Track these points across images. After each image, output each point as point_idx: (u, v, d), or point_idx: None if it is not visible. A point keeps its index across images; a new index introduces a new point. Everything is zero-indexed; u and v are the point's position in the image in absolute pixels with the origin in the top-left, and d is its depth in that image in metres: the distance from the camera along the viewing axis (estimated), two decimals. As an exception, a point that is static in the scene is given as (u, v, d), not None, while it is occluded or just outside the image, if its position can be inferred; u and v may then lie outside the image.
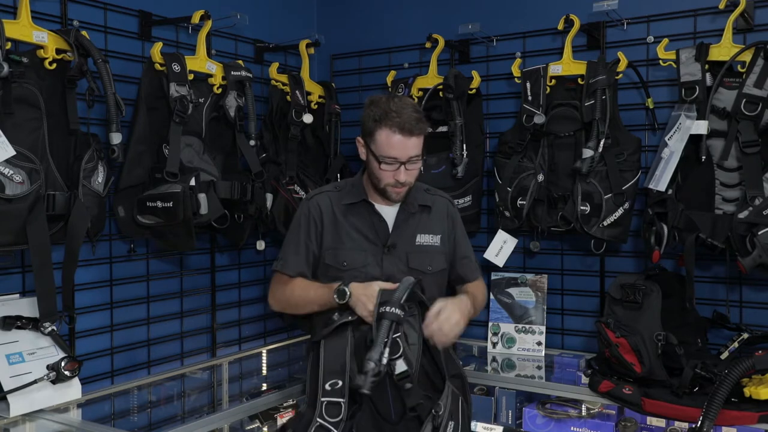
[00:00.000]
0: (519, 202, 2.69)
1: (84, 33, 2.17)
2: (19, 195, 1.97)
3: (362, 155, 2.17)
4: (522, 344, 2.89)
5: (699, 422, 1.93)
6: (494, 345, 2.93)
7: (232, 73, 2.60)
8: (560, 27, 2.75)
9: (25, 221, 1.98)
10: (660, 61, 2.53)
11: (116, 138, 2.19)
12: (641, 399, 2.23)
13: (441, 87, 2.86)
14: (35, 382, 2.06)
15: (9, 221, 1.96)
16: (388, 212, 2.20)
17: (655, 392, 2.22)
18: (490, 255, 2.84)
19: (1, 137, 1.91)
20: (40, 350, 2.14)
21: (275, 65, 2.97)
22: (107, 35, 2.48)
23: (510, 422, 2.77)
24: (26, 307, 2.18)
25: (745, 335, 2.38)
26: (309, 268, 2.21)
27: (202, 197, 2.36)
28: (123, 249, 2.55)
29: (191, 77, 2.45)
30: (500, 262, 2.85)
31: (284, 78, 2.93)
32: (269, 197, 2.76)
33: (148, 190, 2.35)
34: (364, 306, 1.97)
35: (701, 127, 2.35)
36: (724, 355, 2.36)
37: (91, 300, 2.45)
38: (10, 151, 1.93)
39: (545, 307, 2.90)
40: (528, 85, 2.72)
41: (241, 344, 3.06)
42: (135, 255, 2.59)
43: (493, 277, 2.98)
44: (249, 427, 2.71)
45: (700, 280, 2.59)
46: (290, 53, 3.23)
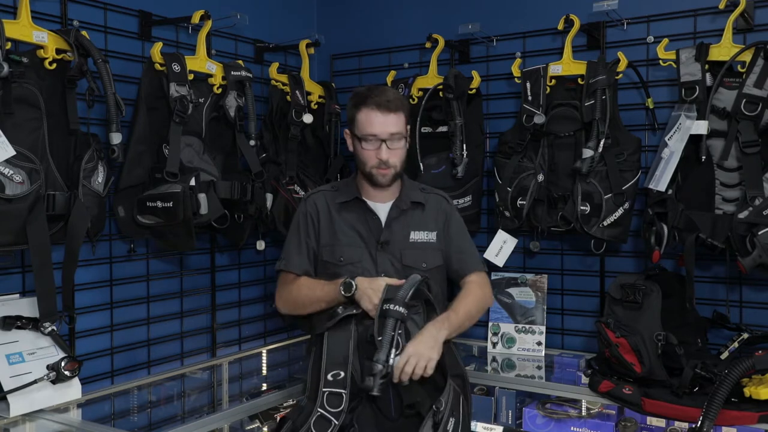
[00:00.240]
0: (519, 202, 2.69)
1: (84, 33, 2.17)
2: (19, 195, 1.96)
3: (350, 146, 2.24)
4: (522, 344, 2.89)
5: (699, 422, 1.93)
6: (494, 345, 2.93)
7: (232, 73, 2.60)
8: (560, 27, 2.75)
9: (25, 221, 1.98)
10: (660, 61, 2.53)
11: (116, 138, 2.19)
12: (641, 399, 2.23)
13: (441, 87, 2.86)
14: (35, 382, 2.06)
15: (9, 221, 1.96)
16: (381, 209, 2.23)
17: (655, 392, 2.21)
18: (490, 255, 2.84)
19: (1, 137, 1.91)
20: (40, 350, 2.14)
21: (275, 65, 2.97)
22: (107, 35, 2.48)
23: (510, 422, 2.77)
24: (26, 307, 2.17)
25: (745, 335, 2.38)
26: (312, 266, 2.24)
27: (202, 197, 2.36)
28: (123, 249, 2.54)
29: (191, 77, 2.45)
30: (500, 262, 2.85)
31: (284, 78, 2.93)
32: (269, 197, 2.76)
33: (148, 190, 2.35)
34: (370, 299, 1.99)
35: (701, 127, 2.35)
36: (724, 355, 2.36)
37: (91, 300, 2.45)
38: (10, 151, 1.93)
39: (545, 307, 2.90)
40: (528, 85, 2.72)
41: (241, 344, 3.05)
42: (135, 255, 2.58)
43: (493, 277, 2.98)
44: (249, 427, 2.71)
45: (700, 280, 2.59)
46: (290, 53, 3.23)
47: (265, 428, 2.71)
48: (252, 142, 2.67)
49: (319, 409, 1.90)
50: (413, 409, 1.95)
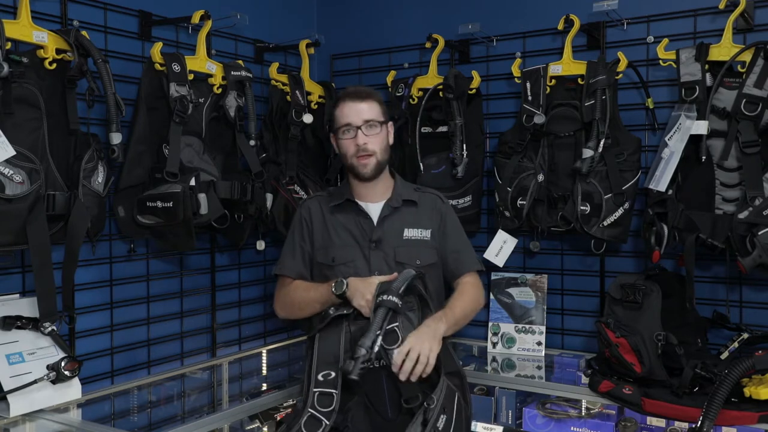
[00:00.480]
0: (519, 202, 2.69)
1: (84, 33, 2.17)
2: (19, 195, 1.96)
3: (335, 148, 2.28)
4: (522, 344, 2.89)
5: (699, 422, 1.93)
6: (494, 345, 2.93)
7: (232, 73, 2.60)
8: (560, 27, 2.75)
9: (25, 221, 1.98)
10: (660, 61, 2.53)
11: (116, 138, 2.19)
12: (641, 399, 2.23)
13: (441, 87, 2.86)
14: (35, 382, 2.06)
15: (9, 221, 1.96)
16: (373, 209, 2.25)
17: (655, 392, 2.21)
18: (490, 255, 2.84)
19: (1, 137, 1.91)
20: (40, 350, 2.14)
21: (275, 65, 2.97)
22: (107, 35, 2.48)
23: (510, 422, 2.76)
24: (26, 307, 2.17)
25: (745, 335, 2.38)
26: (307, 269, 2.28)
27: (202, 197, 2.36)
28: (123, 249, 2.54)
29: (191, 77, 2.45)
30: (500, 262, 2.85)
31: (284, 78, 2.93)
32: (269, 197, 2.76)
33: (148, 190, 2.35)
34: (362, 295, 2.00)
35: (701, 127, 2.35)
36: (724, 355, 2.36)
37: (91, 300, 2.45)
38: (10, 151, 1.93)
39: (545, 307, 2.90)
40: (528, 85, 2.72)
41: (241, 344, 3.05)
42: (135, 255, 2.58)
43: (493, 277, 2.98)
44: (249, 427, 2.71)
45: (700, 280, 2.59)
46: (290, 53, 3.23)
47: (265, 428, 2.71)
48: (252, 142, 2.67)
49: (310, 410, 1.89)
50: (410, 404, 1.93)
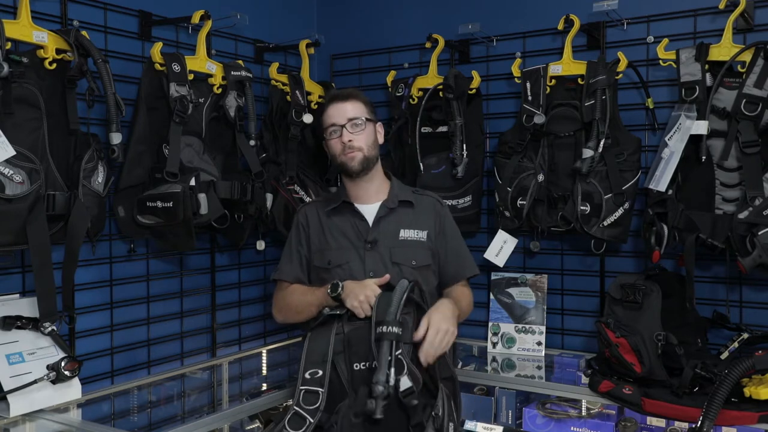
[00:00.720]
0: (519, 202, 2.69)
1: (84, 33, 2.17)
2: (19, 195, 1.96)
3: (328, 152, 2.30)
4: (522, 344, 2.89)
5: (699, 422, 1.93)
6: (494, 345, 2.93)
7: (232, 73, 2.60)
8: (560, 27, 2.75)
9: (25, 221, 1.98)
10: (660, 61, 2.53)
11: (116, 138, 2.19)
12: (641, 399, 2.23)
13: (441, 87, 2.86)
14: (35, 382, 2.06)
15: (9, 221, 1.96)
16: (368, 210, 2.26)
17: (655, 392, 2.21)
18: (490, 255, 2.84)
19: (1, 137, 1.91)
20: (40, 350, 2.14)
21: (275, 65, 2.97)
22: (107, 35, 2.48)
23: (510, 422, 2.76)
24: (26, 307, 2.17)
25: (745, 335, 2.38)
26: (304, 273, 2.30)
27: (202, 197, 2.37)
28: (123, 249, 2.54)
29: (191, 77, 2.45)
30: (500, 262, 2.85)
31: (284, 78, 2.93)
32: (269, 197, 2.76)
33: (148, 190, 2.35)
34: (355, 296, 2.00)
35: (701, 127, 2.35)
36: (724, 355, 2.36)
37: (91, 300, 2.45)
38: (10, 151, 1.93)
39: (545, 307, 2.90)
40: (528, 85, 2.72)
41: (241, 344, 3.05)
42: (135, 255, 2.58)
43: (493, 277, 2.98)
44: (249, 427, 2.71)
45: (700, 280, 2.59)
46: (290, 53, 3.23)
47: (265, 428, 2.71)
48: (252, 142, 2.67)
49: (295, 407, 1.90)
50: (420, 430, 1.92)
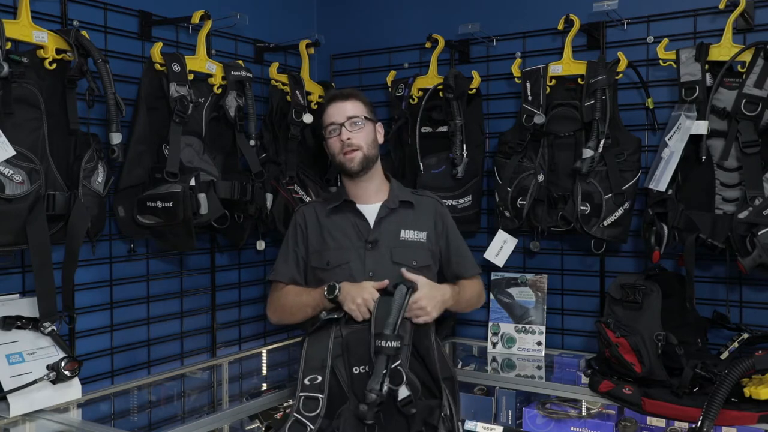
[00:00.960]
0: (519, 202, 2.69)
1: (84, 33, 2.17)
2: (19, 195, 1.96)
3: (328, 153, 2.30)
4: (522, 344, 2.89)
5: (699, 422, 1.93)
6: (494, 345, 2.93)
7: (232, 73, 2.60)
8: (560, 27, 2.75)
9: (25, 221, 1.98)
10: (660, 61, 2.53)
11: (116, 138, 2.19)
12: (641, 399, 2.23)
13: (441, 87, 2.86)
14: (35, 382, 2.06)
15: (9, 221, 1.95)
16: (369, 210, 2.26)
17: (655, 392, 2.22)
18: (490, 255, 2.84)
19: (1, 137, 1.91)
20: (40, 350, 2.14)
21: (275, 65, 2.97)
22: (107, 35, 2.48)
23: (510, 422, 2.76)
24: (26, 307, 2.17)
25: (745, 335, 2.38)
26: (300, 274, 2.29)
27: (202, 197, 2.36)
28: (123, 249, 2.54)
29: (191, 77, 2.45)
30: (500, 262, 2.85)
31: (284, 78, 2.93)
32: (269, 197, 2.76)
33: (148, 190, 2.35)
34: (352, 299, 2.00)
35: (701, 127, 2.35)
36: (724, 355, 2.36)
37: (91, 300, 2.45)
38: (10, 151, 1.93)
39: (545, 307, 2.90)
40: (528, 85, 2.72)
41: (241, 344, 3.05)
42: (135, 255, 2.58)
43: (493, 277, 2.98)
44: (249, 427, 2.71)
45: (700, 280, 2.59)
46: (290, 53, 3.23)
47: (265, 428, 2.71)
48: (252, 142, 2.67)
49: (295, 414, 1.89)
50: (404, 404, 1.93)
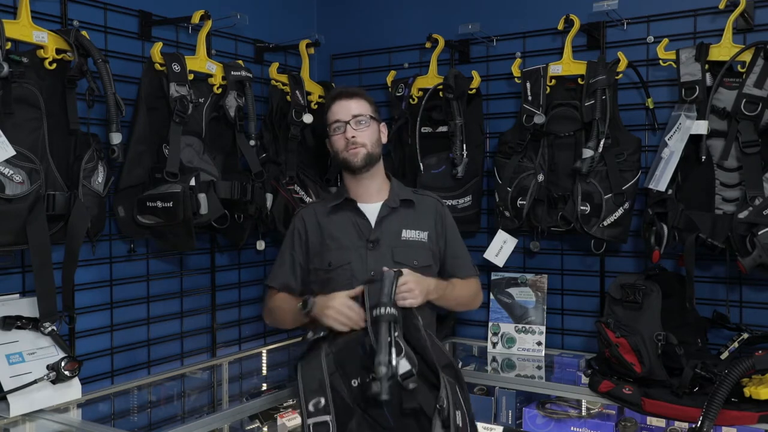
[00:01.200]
0: (519, 202, 2.69)
1: (84, 33, 2.17)
2: (19, 195, 1.96)
3: (331, 151, 2.28)
4: (522, 344, 2.89)
5: (699, 422, 1.93)
6: (494, 345, 2.93)
7: (232, 73, 2.60)
8: (560, 27, 2.75)
9: (25, 221, 1.98)
10: (660, 61, 2.53)
11: (116, 138, 2.19)
12: (641, 399, 2.23)
13: (441, 87, 2.86)
14: (35, 382, 2.06)
15: (9, 221, 1.96)
16: (370, 209, 2.24)
17: (655, 392, 2.22)
18: (490, 255, 2.84)
19: (1, 137, 1.91)
20: (40, 350, 2.14)
21: (275, 65, 2.97)
22: (107, 35, 2.48)
23: (510, 422, 2.76)
24: (26, 307, 2.17)
25: (745, 335, 2.38)
26: (295, 279, 2.28)
27: (202, 197, 2.36)
28: (123, 249, 2.54)
29: (191, 77, 2.45)
30: (500, 262, 2.85)
31: (284, 78, 2.93)
32: (269, 197, 2.76)
33: (148, 190, 2.35)
34: (327, 314, 2.00)
35: (701, 127, 2.35)
36: (724, 355, 2.36)
37: (91, 300, 2.45)
38: (10, 151, 1.93)
39: (545, 307, 2.90)
40: (528, 85, 2.72)
41: (241, 344, 3.05)
42: (135, 255, 2.58)
43: (493, 277, 2.98)
44: (249, 427, 2.71)
45: (700, 280, 2.59)
46: (290, 53, 3.23)
47: (265, 428, 2.71)
48: (252, 142, 2.67)
49: None
50: (411, 408, 1.92)
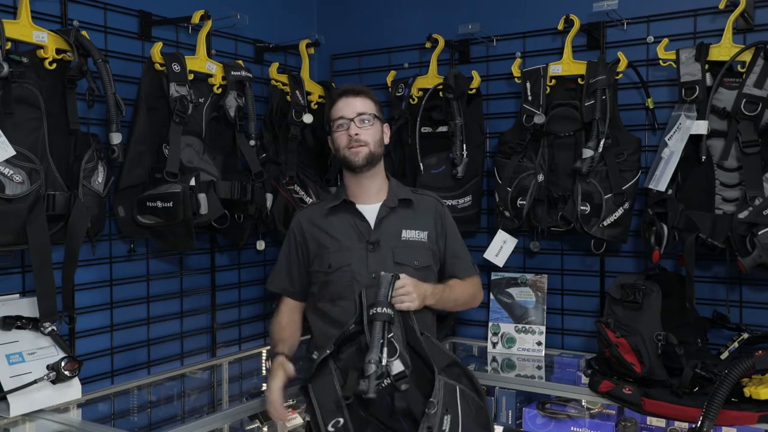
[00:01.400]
0: (519, 202, 2.69)
1: (84, 33, 2.17)
2: (19, 195, 1.97)
3: (332, 149, 2.26)
4: (522, 344, 2.89)
5: (699, 422, 1.93)
6: (494, 345, 2.93)
7: (232, 73, 2.60)
8: (560, 27, 2.75)
9: (25, 221, 1.98)
10: (660, 61, 2.53)
11: (116, 138, 2.19)
12: (641, 399, 2.23)
13: (441, 87, 2.86)
14: (35, 382, 2.06)
15: (9, 221, 1.96)
16: (369, 210, 2.22)
17: (655, 392, 2.22)
18: (490, 255, 2.84)
19: (1, 137, 1.91)
20: (40, 350, 2.14)
21: (275, 65, 2.97)
22: (107, 35, 2.48)
23: (510, 422, 2.76)
24: (26, 307, 2.17)
25: (745, 335, 2.38)
26: (292, 284, 2.29)
27: (202, 197, 2.36)
28: (123, 249, 2.54)
29: (191, 77, 2.45)
30: (500, 262, 2.85)
31: (284, 78, 2.93)
32: (269, 197, 2.76)
33: (148, 190, 2.35)
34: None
35: (701, 127, 2.35)
36: (724, 355, 2.36)
37: (91, 300, 2.45)
38: (10, 151, 1.93)
39: (545, 307, 2.90)
40: (528, 85, 2.72)
41: (241, 344, 3.06)
42: (135, 255, 2.58)
43: (493, 277, 2.98)
44: (249, 427, 2.71)
45: (700, 280, 2.59)
46: (290, 53, 3.23)
47: (265, 428, 2.71)
48: (252, 142, 2.67)
49: None
50: (402, 407, 1.91)
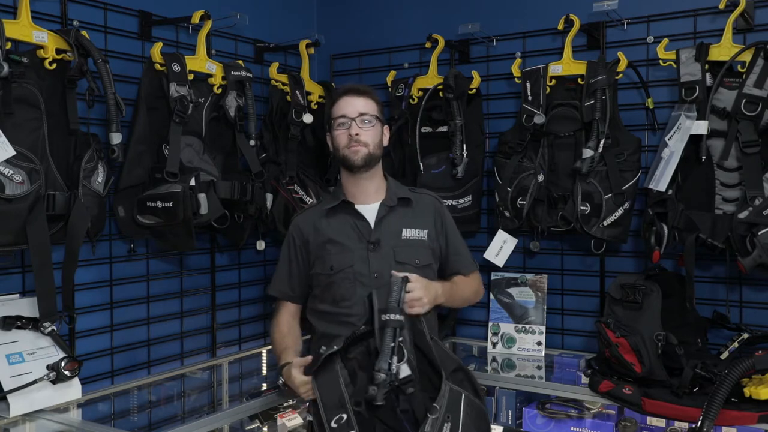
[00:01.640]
0: (519, 202, 2.69)
1: (84, 33, 2.17)
2: (19, 195, 1.96)
3: (330, 147, 2.25)
4: (522, 344, 2.89)
5: (699, 422, 1.93)
6: (494, 345, 2.93)
7: (232, 73, 2.60)
8: (560, 27, 2.75)
9: (25, 221, 1.98)
10: (660, 61, 2.53)
11: (116, 138, 2.19)
12: (641, 399, 2.23)
13: (441, 87, 2.86)
14: (35, 382, 2.06)
15: (9, 221, 1.96)
16: (369, 210, 2.22)
17: (655, 392, 2.22)
18: (490, 255, 2.84)
19: (1, 137, 1.91)
20: (40, 350, 2.14)
21: (275, 65, 2.97)
22: (107, 35, 2.48)
23: (510, 422, 2.76)
24: (26, 307, 2.17)
25: (745, 335, 2.38)
26: (292, 288, 2.29)
27: (202, 197, 2.36)
28: (123, 249, 2.55)
29: (191, 77, 2.45)
30: (500, 262, 2.85)
31: (284, 78, 2.93)
32: (269, 197, 2.76)
33: (148, 190, 2.35)
34: (305, 395, 2.04)
35: (701, 127, 2.35)
36: (724, 355, 2.36)
37: (91, 300, 2.45)
38: (10, 151, 1.93)
39: (545, 307, 2.90)
40: (528, 85, 2.72)
41: (241, 344, 3.06)
42: (135, 255, 2.59)
43: (493, 277, 2.98)
44: (249, 427, 2.71)
45: (700, 280, 2.59)
46: (290, 53, 3.23)
47: (265, 428, 2.71)
48: (252, 142, 2.67)
49: None
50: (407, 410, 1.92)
